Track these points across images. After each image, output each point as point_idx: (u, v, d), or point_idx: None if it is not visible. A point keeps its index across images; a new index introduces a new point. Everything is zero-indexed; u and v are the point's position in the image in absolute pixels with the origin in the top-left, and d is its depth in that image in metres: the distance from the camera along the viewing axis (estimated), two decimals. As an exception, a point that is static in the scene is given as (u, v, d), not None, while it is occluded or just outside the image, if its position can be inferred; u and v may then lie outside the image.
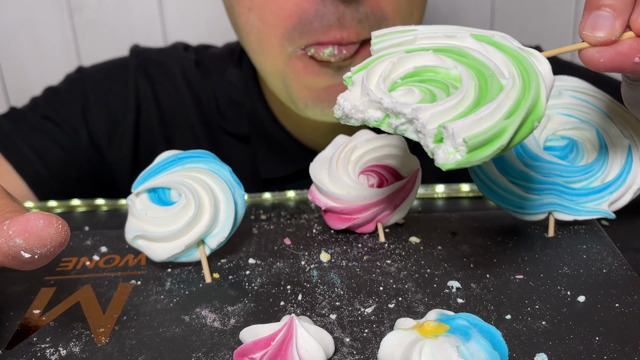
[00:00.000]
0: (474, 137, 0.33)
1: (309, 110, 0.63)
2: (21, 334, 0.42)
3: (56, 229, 0.34)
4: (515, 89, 0.35)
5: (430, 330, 0.36)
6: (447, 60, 0.37)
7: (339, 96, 0.39)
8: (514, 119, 0.33)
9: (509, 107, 0.34)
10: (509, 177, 0.50)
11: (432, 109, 0.34)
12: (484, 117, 0.33)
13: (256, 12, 0.60)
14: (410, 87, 0.37)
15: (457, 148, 0.34)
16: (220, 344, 0.40)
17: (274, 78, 0.64)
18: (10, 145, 0.74)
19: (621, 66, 0.39)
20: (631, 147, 0.49)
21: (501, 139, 0.33)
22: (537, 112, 0.35)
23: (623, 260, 0.46)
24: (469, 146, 0.33)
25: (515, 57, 0.37)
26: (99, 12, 1.10)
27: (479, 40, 0.38)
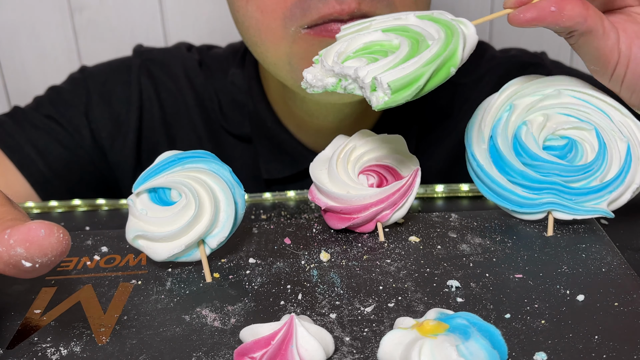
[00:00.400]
0: (396, 81, 0.42)
1: None
2: (22, 333, 0.42)
3: (57, 239, 0.34)
4: (437, 45, 0.43)
5: (430, 329, 0.36)
6: (392, 35, 0.46)
7: (304, 70, 0.48)
8: (430, 66, 0.42)
9: (428, 58, 0.42)
10: (508, 177, 0.50)
11: (369, 67, 0.43)
12: (406, 67, 0.42)
13: (254, 2, 0.60)
14: (359, 58, 0.46)
15: (385, 92, 0.42)
16: (221, 344, 0.40)
17: (278, 65, 0.63)
18: (14, 144, 0.75)
19: (541, 17, 0.45)
20: (630, 147, 0.49)
21: (419, 82, 0.42)
22: (453, 60, 0.43)
23: (622, 259, 0.46)
24: (392, 89, 0.42)
25: (446, 25, 0.45)
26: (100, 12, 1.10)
27: (421, 18, 0.47)
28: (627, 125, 0.50)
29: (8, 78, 1.15)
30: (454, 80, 0.80)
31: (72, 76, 0.82)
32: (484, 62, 0.81)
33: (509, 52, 0.83)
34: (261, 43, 0.62)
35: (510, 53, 0.82)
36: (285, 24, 0.59)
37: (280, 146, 0.77)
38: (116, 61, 0.84)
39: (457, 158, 0.79)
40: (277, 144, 0.77)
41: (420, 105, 0.79)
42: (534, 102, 0.50)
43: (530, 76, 0.51)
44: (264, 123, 0.77)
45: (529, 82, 0.51)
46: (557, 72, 0.53)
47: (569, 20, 0.45)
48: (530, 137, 0.50)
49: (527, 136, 0.50)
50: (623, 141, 0.49)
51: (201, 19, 1.11)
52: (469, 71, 0.81)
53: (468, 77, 0.80)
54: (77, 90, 0.79)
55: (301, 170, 0.77)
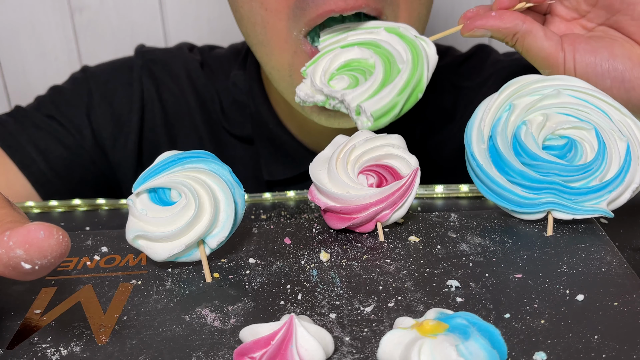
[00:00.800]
0: (377, 111, 0.51)
1: (314, 116, 0.63)
2: (22, 333, 0.42)
3: (57, 240, 0.34)
4: (406, 72, 0.52)
5: (430, 329, 0.36)
6: (366, 51, 0.55)
7: (296, 87, 0.56)
8: (403, 95, 0.51)
9: (400, 87, 0.51)
10: (508, 177, 0.50)
11: (353, 93, 0.52)
12: (384, 97, 0.51)
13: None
14: (342, 75, 0.55)
15: (368, 119, 0.51)
16: (221, 344, 0.40)
17: (280, 73, 0.63)
18: (15, 144, 0.75)
19: (485, 22, 0.54)
20: (630, 146, 0.49)
21: (395, 110, 0.52)
22: (420, 86, 0.53)
23: (622, 259, 0.46)
24: (374, 117, 0.51)
25: (412, 44, 0.54)
26: (100, 12, 1.10)
27: (389, 32, 0.56)
28: (627, 125, 0.50)
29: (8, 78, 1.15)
30: (458, 84, 0.81)
31: (73, 76, 0.82)
32: (488, 65, 0.81)
33: (513, 55, 0.83)
34: (267, 42, 0.62)
35: (514, 56, 0.82)
36: (290, 26, 0.59)
37: (282, 147, 0.77)
38: (118, 61, 0.84)
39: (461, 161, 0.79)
40: (278, 145, 0.77)
41: (423, 107, 0.79)
42: (534, 101, 0.50)
43: (530, 76, 0.51)
44: (265, 124, 0.77)
45: (528, 82, 0.51)
46: None
47: (509, 22, 0.53)
48: (530, 137, 0.50)
49: (527, 136, 0.50)
50: (623, 141, 0.49)
51: (201, 19, 1.11)
52: (473, 74, 0.81)
53: (472, 80, 0.80)
54: (78, 90, 0.79)
55: (302, 172, 0.77)
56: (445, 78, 0.81)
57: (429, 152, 0.79)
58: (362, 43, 0.56)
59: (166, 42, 1.12)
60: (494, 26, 0.54)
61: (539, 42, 0.53)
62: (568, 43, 0.53)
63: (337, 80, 0.54)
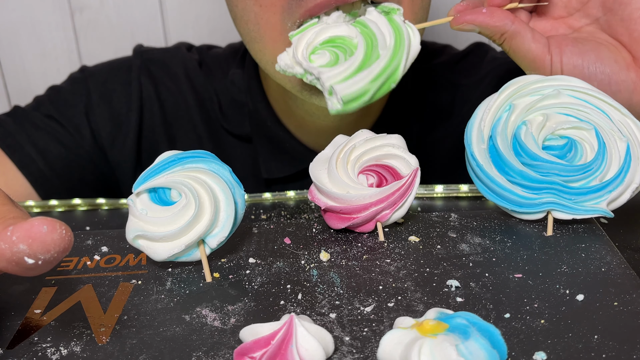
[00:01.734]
0: (347, 95, 0.50)
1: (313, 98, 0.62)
2: (22, 333, 0.42)
3: (60, 235, 0.34)
4: (385, 59, 0.50)
5: (430, 329, 0.36)
6: (353, 30, 0.54)
7: (278, 56, 0.55)
8: (375, 83, 0.50)
9: (375, 74, 0.50)
10: (508, 177, 0.50)
11: (329, 72, 0.50)
12: (357, 81, 0.50)
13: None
14: (325, 50, 0.54)
15: (339, 101, 0.50)
16: (221, 343, 0.40)
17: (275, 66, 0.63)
18: (14, 143, 0.75)
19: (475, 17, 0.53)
20: (629, 146, 0.49)
21: (365, 96, 0.50)
22: (394, 77, 0.51)
23: (622, 259, 0.46)
24: (344, 101, 0.50)
25: (397, 30, 0.52)
26: (100, 12, 1.10)
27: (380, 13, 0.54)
28: (627, 125, 0.50)
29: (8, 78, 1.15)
30: (456, 81, 0.81)
31: (72, 76, 0.82)
32: (485, 63, 0.81)
33: None
34: (260, 39, 0.62)
35: None
36: (284, 19, 0.59)
37: (280, 145, 0.77)
38: (116, 61, 0.84)
39: (458, 159, 0.78)
40: (276, 143, 0.77)
41: (421, 105, 0.79)
42: (534, 101, 0.50)
43: (530, 76, 0.51)
44: (263, 122, 0.77)
45: (528, 82, 0.51)
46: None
47: (498, 20, 0.53)
48: (530, 137, 0.50)
49: (527, 136, 0.50)
50: (623, 141, 0.49)
51: (201, 19, 1.11)
52: (471, 72, 0.81)
53: (469, 78, 0.80)
54: (77, 90, 0.79)
55: (301, 170, 0.77)
56: (443, 76, 0.81)
57: (427, 150, 0.79)
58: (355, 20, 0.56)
59: (166, 42, 1.12)
60: (482, 23, 0.53)
61: (526, 44, 0.53)
62: (555, 45, 0.54)
63: (318, 55, 0.54)
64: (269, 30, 0.60)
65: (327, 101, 0.51)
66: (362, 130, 0.52)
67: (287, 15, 0.58)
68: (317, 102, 0.63)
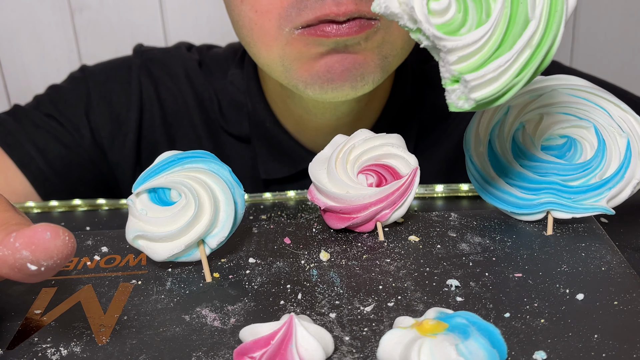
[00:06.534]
0: (484, 97, 0.37)
1: (309, 88, 0.62)
2: (22, 334, 0.42)
3: (63, 241, 0.34)
4: (536, 36, 0.37)
5: (429, 328, 0.36)
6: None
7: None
8: (521, 78, 0.37)
9: (521, 63, 0.37)
10: (506, 179, 0.50)
11: (460, 52, 0.37)
12: (498, 75, 0.37)
13: (248, 2, 0.60)
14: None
15: (467, 100, 0.38)
16: (221, 343, 0.40)
17: (271, 66, 0.63)
18: (14, 142, 0.75)
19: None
20: (630, 142, 0.49)
21: (504, 97, 0.38)
22: (544, 65, 0.38)
23: (622, 258, 0.46)
24: (477, 103, 0.38)
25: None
26: (100, 12, 1.10)
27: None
28: (627, 121, 0.50)
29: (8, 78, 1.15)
30: None
31: (72, 75, 0.82)
32: None
33: None
34: (254, 44, 0.62)
35: None
36: (280, 25, 0.59)
37: (279, 146, 0.77)
38: (116, 60, 0.84)
39: (456, 159, 0.79)
40: (275, 144, 0.77)
41: (420, 105, 0.79)
42: (532, 102, 0.50)
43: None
44: (262, 123, 0.77)
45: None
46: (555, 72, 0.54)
47: None
48: (528, 138, 0.50)
49: (525, 137, 0.50)
50: (623, 137, 0.49)
51: (201, 19, 1.11)
52: None
53: None
54: (77, 90, 0.79)
55: (300, 171, 0.77)
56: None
57: (426, 150, 0.79)
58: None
59: (166, 42, 1.12)
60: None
61: None
62: None
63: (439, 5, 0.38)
64: (262, 35, 0.60)
65: (449, 91, 0.40)
66: (361, 130, 0.52)
67: (283, 21, 0.58)
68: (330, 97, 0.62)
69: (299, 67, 0.61)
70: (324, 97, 0.62)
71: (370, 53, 0.60)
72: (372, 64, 0.61)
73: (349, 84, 0.60)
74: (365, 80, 0.61)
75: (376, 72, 0.61)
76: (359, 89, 0.61)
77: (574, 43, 1.13)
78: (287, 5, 0.57)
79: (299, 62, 0.60)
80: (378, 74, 0.62)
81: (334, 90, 0.61)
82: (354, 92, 0.61)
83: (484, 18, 0.37)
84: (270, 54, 0.61)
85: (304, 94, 0.63)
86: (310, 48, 0.59)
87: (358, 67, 0.60)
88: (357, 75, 0.60)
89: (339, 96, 0.62)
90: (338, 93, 0.61)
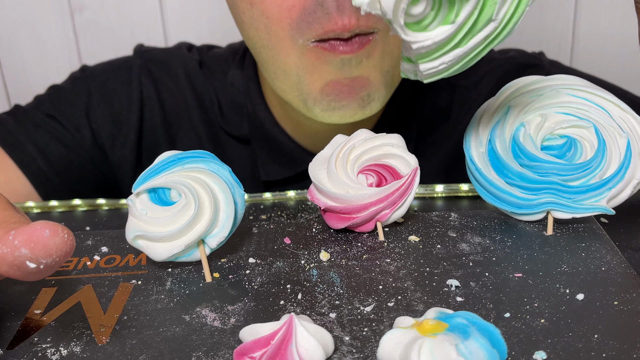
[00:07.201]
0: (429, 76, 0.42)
1: (317, 105, 0.63)
2: (22, 334, 0.42)
3: (62, 239, 0.34)
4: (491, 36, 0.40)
5: (429, 328, 0.36)
6: None
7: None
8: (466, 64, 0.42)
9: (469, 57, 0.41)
10: (506, 179, 0.50)
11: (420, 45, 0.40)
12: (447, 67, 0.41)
13: (258, 7, 0.60)
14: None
15: (416, 75, 0.43)
16: (221, 343, 0.40)
17: (287, 72, 0.63)
18: (14, 142, 0.75)
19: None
20: (630, 142, 0.49)
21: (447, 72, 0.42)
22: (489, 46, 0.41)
23: (622, 258, 0.46)
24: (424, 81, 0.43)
25: None
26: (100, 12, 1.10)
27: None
28: (627, 121, 0.50)
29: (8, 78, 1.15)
30: (454, 82, 0.81)
31: (73, 75, 0.82)
32: (483, 63, 0.81)
33: (508, 53, 0.83)
34: (271, 47, 0.62)
35: (509, 54, 0.82)
36: (293, 35, 0.59)
37: (278, 148, 0.77)
38: (117, 61, 0.84)
39: (456, 159, 0.79)
40: (275, 145, 0.77)
41: (420, 106, 0.79)
42: (532, 102, 0.50)
43: (527, 77, 0.51)
44: (261, 125, 0.77)
45: (526, 84, 0.51)
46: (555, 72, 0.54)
47: None
48: (528, 139, 0.50)
49: (525, 138, 0.50)
50: (623, 137, 0.49)
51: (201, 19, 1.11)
52: (469, 73, 0.81)
53: (467, 78, 0.80)
54: (78, 90, 0.79)
55: (300, 172, 0.77)
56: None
57: (426, 150, 0.79)
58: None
59: (166, 42, 1.12)
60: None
61: None
62: None
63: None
64: (279, 41, 0.61)
65: (402, 64, 0.44)
66: (361, 130, 0.52)
67: (296, 33, 0.59)
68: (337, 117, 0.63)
69: (310, 83, 0.62)
70: (331, 116, 0.64)
71: (373, 71, 0.62)
72: (376, 83, 0.62)
73: (356, 103, 0.63)
74: (371, 98, 0.63)
75: (380, 90, 0.63)
76: (366, 108, 0.63)
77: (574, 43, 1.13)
78: (296, 17, 0.58)
79: (311, 77, 0.61)
80: (382, 91, 0.64)
81: (341, 108, 0.63)
82: (361, 111, 0.63)
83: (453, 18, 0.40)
84: (288, 59, 0.61)
85: (311, 112, 0.64)
86: (322, 63, 0.60)
87: (364, 87, 0.62)
88: (363, 96, 0.62)
89: (346, 116, 0.63)
90: (345, 112, 0.63)
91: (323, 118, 0.64)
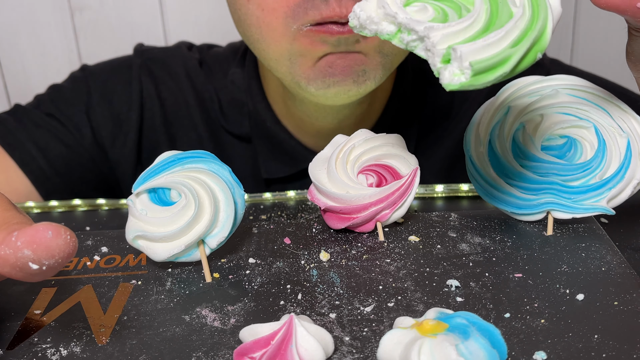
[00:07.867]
0: (480, 62, 0.34)
1: (312, 84, 0.62)
2: (22, 334, 0.42)
3: (64, 240, 0.34)
4: (524, 18, 0.36)
5: (429, 328, 0.36)
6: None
7: (355, 5, 0.40)
8: (519, 48, 0.35)
9: (516, 36, 0.35)
10: (506, 179, 0.50)
11: (444, 29, 0.36)
12: (491, 43, 0.35)
13: (255, 1, 0.60)
14: (425, 4, 0.38)
15: (462, 70, 0.35)
16: (221, 344, 0.40)
17: (279, 61, 0.63)
18: (15, 141, 0.75)
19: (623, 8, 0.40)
20: (630, 142, 0.49)
21: (505, 66, 0.35)
22: (541, 43, 0.37)
23: (622, 258, 0.46)
24: (474, 70, 0.35)
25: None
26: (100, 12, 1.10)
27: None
28: (628, 121, 0.50)
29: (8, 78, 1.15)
30: None
31: (73, 75, 0.82)
32: None
33: None
34: (262, 40, 0.62)
35: None
36: (287, 22, 0.59)
37: (280, 146, 0.77)
38: (117, 60, 0.84)
39: (456, 158, 0.79)
40: (276, 143, 0.77)
41: (420, 105, 0.79)
42: (532, 103, 0.50)
43: (527, 77, 0.51)
44: (263, 123, 0.77)
45: (526, 84, 0.51)
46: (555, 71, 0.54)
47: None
48: (528, 139, 0.50)
49: (525, 138, 0.50)
50: (623, 137, 0.49)
51: (201, 18, 1.11)
52: None
53: None
54: (78, 89, 0.79)
55: (300, 170, 0.77)
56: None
57: (426, 150, 0.79)
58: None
59: (166, 42, 1.12)
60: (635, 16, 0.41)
61: None
62: None
63: (416, 8, 0.38)
64: (270, 32, 0.61)
65: (441, 72, 0.37)
66: (361, 130, 0.52)
67: (290, 19, 0.59)
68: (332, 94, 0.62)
69: (303, 63, 0.61)
70: (326, 93, 0.62)
71: (372, 51, 0.61)
72: (373, 62, 0.62)
73: (351, 79, 0.61)
74: (367, 76, 0.62)
75: (377, 69, 0.62)
76: (361, 85, 0.62)
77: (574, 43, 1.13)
78: (293, 5, 0.58)
79: (303, 59, 0.61)
80: (379, 71, 0.62)
81: (336, 84, 0.61)
82: (356, 87, 0.62)
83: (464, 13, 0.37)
84: (279, 48, 0.61)
85: (306, 92, 0.63)
86: (315, 46, 0.59)
87: (359, 64, 0.61)
88: (358, 71, 0.61)
89: (341, 92, 0.62)
90: (340, 88, 0.61)
91: (318, 97, 0.63)
